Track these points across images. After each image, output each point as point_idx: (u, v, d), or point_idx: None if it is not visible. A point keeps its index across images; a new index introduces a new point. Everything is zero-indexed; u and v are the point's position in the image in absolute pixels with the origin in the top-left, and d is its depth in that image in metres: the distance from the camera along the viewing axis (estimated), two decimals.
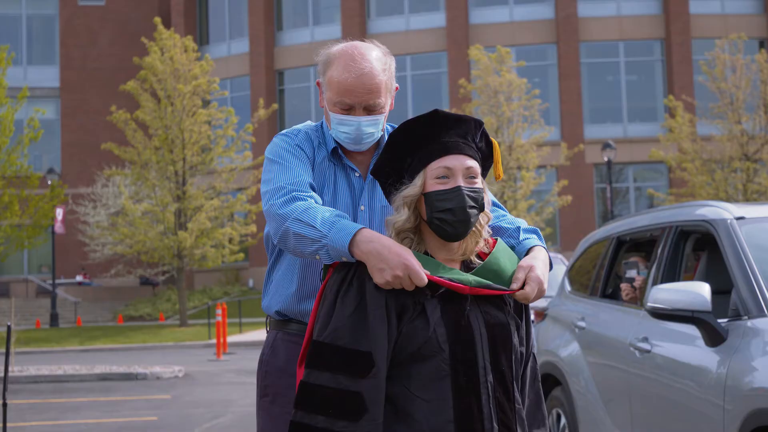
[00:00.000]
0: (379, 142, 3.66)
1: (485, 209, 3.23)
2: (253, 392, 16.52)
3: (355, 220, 3.54)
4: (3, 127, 32.31)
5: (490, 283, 3.18)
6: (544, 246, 3.44)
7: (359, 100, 3.50)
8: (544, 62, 46.54)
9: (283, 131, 3.67)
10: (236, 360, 24.08)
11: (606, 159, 37.04)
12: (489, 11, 47.35)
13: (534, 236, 3.47)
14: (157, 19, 37.18)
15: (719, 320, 5.30)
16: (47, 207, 36.08)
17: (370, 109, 3.52)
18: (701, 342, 5.37)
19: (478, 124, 3.25)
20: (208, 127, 35.92)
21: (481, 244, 3.28)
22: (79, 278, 51.25)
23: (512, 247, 3.41)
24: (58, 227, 41.35)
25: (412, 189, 3.17)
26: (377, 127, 3.56)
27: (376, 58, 3.56)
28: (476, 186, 3.17)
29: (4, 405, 9.03)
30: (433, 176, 3.15)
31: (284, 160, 3.51)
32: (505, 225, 3.51)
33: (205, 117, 35.37)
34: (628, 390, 6.39)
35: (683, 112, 35.83)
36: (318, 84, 3.67)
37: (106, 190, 46.61)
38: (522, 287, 3.22)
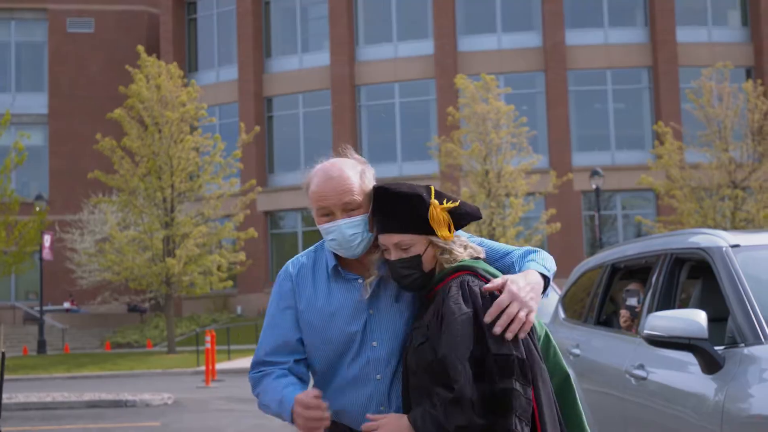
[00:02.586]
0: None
1: (424, 266, 3.59)
2: (243, 419, 16.48)
3: (365, 324, 3.73)
4: None
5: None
6: (540, 268, 3.67)
7: (334, 202, 3.66)
8: (532, 90, 46.72)
9: (281, 275, 3.93)
10: (225, 387, 24.01)
11: (594, 186, 37.15)
12: (477, 39, 47.54)
13: (533, 261, 3.72)
14: (140, 48, 37.18)
15: (716, 347, 5.31)
16: (32, 233, 36.02)
17: (347, 210, 3.67)
18: (697, 369, 5.37)
19: (413, 197, 3.59)
20: (196, 154, 35.93)
21: (463, 256, 3.65)
22: (66, 305, 51.05)
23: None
24: (46, 254, 41.24)
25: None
26: (359, 228, 3.69)
27: (348, 164, 3.75)
28: (405, 256, 3.58)
29: None
30: (383, 247, 3.65)
31: (268, 323, 3.89)
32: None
33: (193, 144, 35.37)
34: (623, 417, 6.40)
35: (672, 139, 35.99)
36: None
37: (93, 216, 46.53)
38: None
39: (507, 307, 3.42)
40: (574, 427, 3.65)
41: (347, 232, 3.65)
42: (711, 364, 5.25)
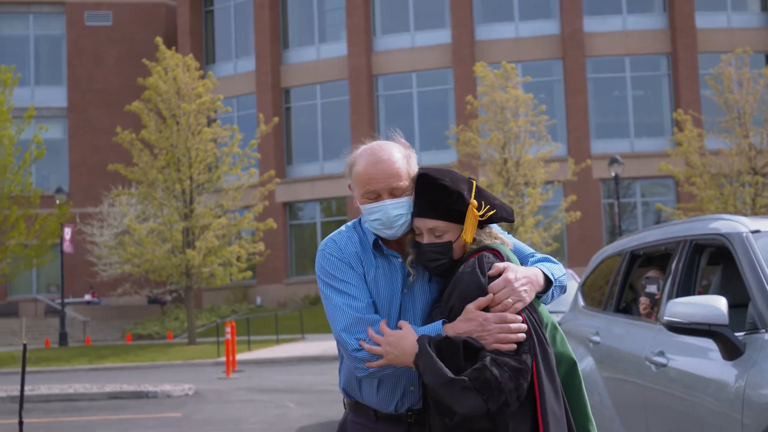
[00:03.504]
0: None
1: (454, 253, 3.68)
2: (264, 409, 16.54)
3: (400, 302, 3.75)
4: (6, 147, 32.48)
5: None
6: (546, 270, 3.77)
7: (383, 186, 3.69)
8: (550, 78, 46.60)
9: (328, 248, 3.80)
10: (246, 378, 24.07)
11: (613, 174, 37.02)
12: (494, 27, 47.44)
13: (543, 265, 3.82)
14: (158, 39, 37.31)
15: (736, 333, 5.29)
16: (53, 225, 36.21)
17: (394, 194, 3.71)
18: (718, 355, 5.35)
19: (454, 193, 3.66)
20: (214, 145, 35.98)
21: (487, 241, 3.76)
22: (87, 297, 51.30)
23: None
24: (67, 246, 41.40)
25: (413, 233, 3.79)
26: (404, 210, 3.73)
27: (395, 148, 3.78)
28: (438, 242, 3.67)
29: (21, 423, 9.06)
30: (416, 231, 3.74)
31: (337, 291, 3.72)
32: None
33: (211, 135, 35.44)
34: (644, 404, 6.38)
35: (691, 126, 35.80)
36: (349, 187, 3.85)
37: (113, 209, 46.70)
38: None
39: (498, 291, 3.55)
40: (579, 411, 3.72)
41: (392, 213, 3.69)
42: (731, 351, 5.23)
